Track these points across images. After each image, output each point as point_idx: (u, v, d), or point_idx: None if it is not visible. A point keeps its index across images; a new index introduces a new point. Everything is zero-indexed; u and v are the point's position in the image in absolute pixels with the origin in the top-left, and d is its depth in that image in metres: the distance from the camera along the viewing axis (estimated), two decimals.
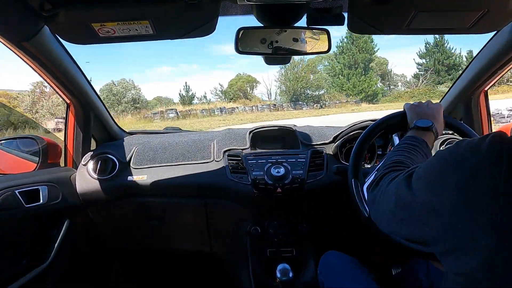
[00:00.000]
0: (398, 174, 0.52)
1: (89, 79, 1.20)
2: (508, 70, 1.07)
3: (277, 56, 0.90)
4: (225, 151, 1.25)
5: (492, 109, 1.44)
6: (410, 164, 0.60)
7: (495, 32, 0.98)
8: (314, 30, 0.86)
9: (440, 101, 1.38)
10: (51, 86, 1.11)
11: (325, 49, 0.87)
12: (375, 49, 26.91)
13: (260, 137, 1.35)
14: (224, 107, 21.98)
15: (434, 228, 0.39)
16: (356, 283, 0.77)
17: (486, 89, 1.19)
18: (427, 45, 26.25)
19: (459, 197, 0.36)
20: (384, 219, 0.53)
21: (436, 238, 0.40)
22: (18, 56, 0.93)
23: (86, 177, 1.20)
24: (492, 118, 1.28)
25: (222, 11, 0.82)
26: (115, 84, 22.81)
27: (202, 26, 0.80)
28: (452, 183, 0.37)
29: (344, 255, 0.86)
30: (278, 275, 1.11)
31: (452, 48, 25.79)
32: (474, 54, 1.10)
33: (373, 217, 0.59)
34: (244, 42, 0.84)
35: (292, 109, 23.69)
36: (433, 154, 0.91)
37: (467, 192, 0.36)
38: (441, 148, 1.19)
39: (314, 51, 0.88)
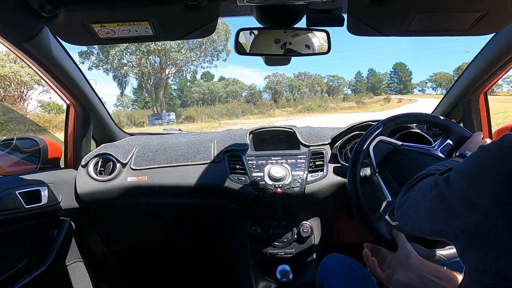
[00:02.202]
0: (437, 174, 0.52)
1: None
2: (507, 72, 1.07)
3: (284, 57, 0.90)
4: (225, 152, 1.25)
5: None
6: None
7: (494, 33, 0.98)
8: (314, 31, 0.86)
9: (439, 103, 1.38)
10: (51, 87, 1.11)
11: (325, 50, 0.88)
12: None
13: (260, 138, 1.36)
14: None
15: (466, 221, 0.39)
16: (355, 284, 0.77)
17: (485, 90, 1.19)
18: None
19: (502, 190, 0.35)
20: (412, 214, 0.53)
21: (464, 232, 0.39)
22: (19, 57, 0.93)
23: (86, 178, 1.20)
24: None
25: (222, 12, 0.82)
26: None
27: (202, 27, 0.80)
28: (495, 176, 0.36)
29: (344, 258, 0.85)
30: (278, 276, 1.11)
31: None
32: None
33: (397, 214, 0.59)
34: (256, 42, 0.84)
35: None
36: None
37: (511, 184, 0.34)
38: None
39: (315, 52, 0.89)
